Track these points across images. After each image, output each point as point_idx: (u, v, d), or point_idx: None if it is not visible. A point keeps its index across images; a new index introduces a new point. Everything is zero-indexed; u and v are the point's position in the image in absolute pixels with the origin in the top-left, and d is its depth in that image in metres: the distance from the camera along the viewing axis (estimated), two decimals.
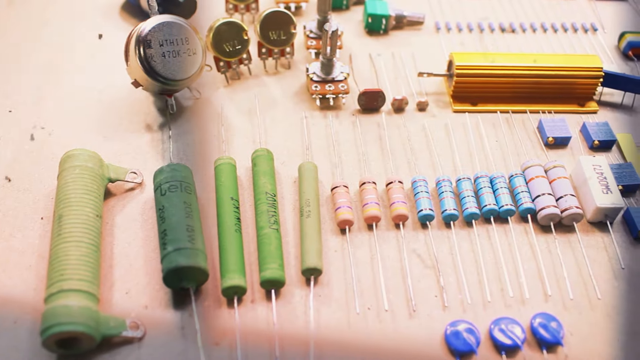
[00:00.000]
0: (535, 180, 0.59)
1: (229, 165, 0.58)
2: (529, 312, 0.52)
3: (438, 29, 0.78)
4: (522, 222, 0.58)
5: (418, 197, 0.58)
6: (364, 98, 0.66)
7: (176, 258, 0.50)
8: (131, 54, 0.60)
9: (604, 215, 0.58)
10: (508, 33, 0.78)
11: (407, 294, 0.53)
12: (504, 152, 0.64)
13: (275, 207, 0.55)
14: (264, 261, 0.52)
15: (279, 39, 0.68)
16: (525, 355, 0.50)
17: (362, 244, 0.56)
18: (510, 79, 0.67)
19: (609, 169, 0.60)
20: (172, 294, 0.52)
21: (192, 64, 0.62)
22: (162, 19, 0.61)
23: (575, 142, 0.66)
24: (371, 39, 0.76)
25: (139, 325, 0.50)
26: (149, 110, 0.66)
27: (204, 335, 0.49)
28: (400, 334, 0.51)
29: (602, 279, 0.55)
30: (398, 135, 0.65)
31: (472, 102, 0.68)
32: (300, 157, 0.62)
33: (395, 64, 0.73)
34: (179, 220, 0.52)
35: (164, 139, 0.63)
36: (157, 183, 0.55)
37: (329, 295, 0.52)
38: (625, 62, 0.75)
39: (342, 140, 0.64)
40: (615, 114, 0.69)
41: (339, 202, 0.56)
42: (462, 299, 0.53)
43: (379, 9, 0.75)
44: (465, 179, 0.59)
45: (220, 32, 0.66)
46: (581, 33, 0.79)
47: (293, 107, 0.67)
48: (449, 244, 0.56)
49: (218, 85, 0.69)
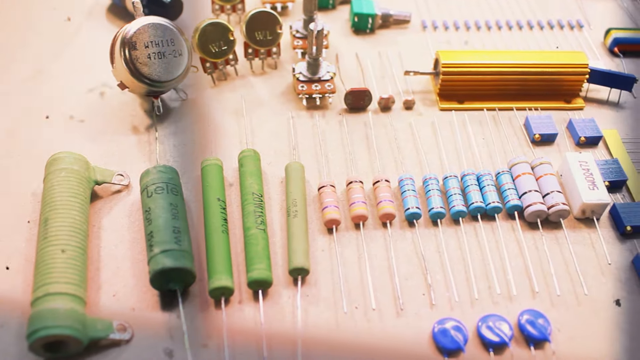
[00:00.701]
0: (521, 177, 0.59)
1: (215, 166, 0.58)
2: (517, 309, 0.52)
3: (424, 28, 0.78)
4: (509, 219, 0.58)
5: (405, 195, 0.58)
6: (351, 97, 0.66)
7: (163, 260, 0.50)
8: (116, 56, 0.60)
9: (590, 211, 0.58)
10: (494, 31, 0.78)
11: (395, 293, 0.53)
12: (490, 150, 0.64)
13: (262, 208, 0.55)
14: (251, 262, 0.52)
15: (265, 39, 0.68)
16: (513, 352, 0.50)
17: (350, 243, 0.56)
18: (497, 77, 0.67)
19: (595, 165, 0.60)
20: (160, 296, 0.52)
21: (178, 65, 0.62)
22: (147, 21, 0.61)
23: (561, 139, 0.66)
24: (358, 38, 0.76)
25: (127, 328, 0.49)
26: (136, 112, 0.65)
27: (192, 336, 0.49)
28: (388, 332, 0.51)
29: (589, 275, 0.55)
30: (385, 134, 0.65)
31: (459, 100, 0.68)
32: (287, 157, 0.62)
33: (382, 62, 0.73)
34: (166, 221, 0.52)
35: (151, 141, 0.63)
36: (144, 185, 0.55)
37: (317, 294, 0.52)
38: (611, 59, 0.75)
39: (329, 139, 0.64)
40: (601, 110, 0.69)
41: (325, 201, 0.56)
42: (450, 296, 0.53)
43: (365, 8, 0.75)
44: (452, 177, 0.59)
45: (206, 33, 0.65)
46: (567, 30, 0.79)
47: (280, 107, 0.67)
48: (436, 242, 0.56)
49: (205, 86, 0.69)
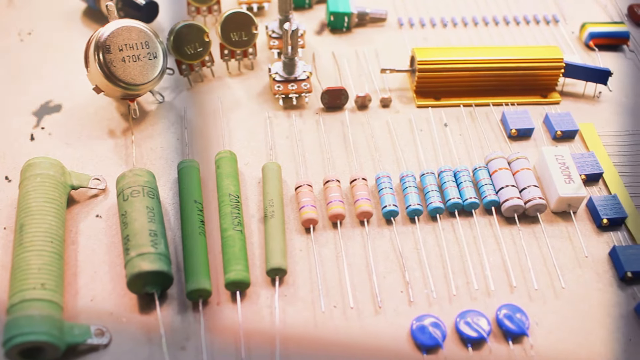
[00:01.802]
0: (498, 172, 0.60)
1: (192, 168, 0.58)
2: (495, 303, 0.53)
3: (401, 25, 0.78)
4: (487, 215, 0.59)
5: (382, 193, 0.58)
6: (327, 96, 0.66)
7: (139, 263, 0.50)
8: (91, 59, 0.60)
9: (567, 204, 0.59)
10: (471, 27, 0.78)
11: (373, 291, 0.53)
12: (467, 146, 0.64)
13: (239, 209, 0.55)
14: (228, 263, 0.52)
15: (240, 40, 0.68)
16: (491, 346, 0.50)
17: (327, 242, 0.56)
18: (473, 73, 0.68)
19: (571, 159, 0.60)
20: (138, 300, 0.52)
21: (153, 67, 0.62)
22: (120, 24, 0.60)
23: (538, 133, 0.66)
24: (334, 37, 0.76)
25: (104, 332, 0.49)
26: (112, 116, 0.65)
27: (170, 339, 0.49)
28: (367, 330, 0.51)
29: (566, 268, 0.55)
30: (362, 132, 0.65)
31: (436, 96, 0.68)
32: (265, 157, 0.62)
33: (359, 61, 0.73)
34: (142, 225, 0.52)
35: (128, 144, 0.63)
36: (120, 188, 0.55)
37: (295, 294, 0.52)
38: (587, 53, 0.76)
39: (306, 139, 0.64)
40: (577, 104, 0.70)
41: (302, 201, 0.56)
42: (428, 293, 0.53)
43: (341, 6, 0.75)
44: (429, 174, 0.59)
45: (180, 34, 0.65)
46: (543, 25, 0.79)
47: (257, 107, 0.67)
48: (413, 239, 0.57)
49: (181, 88, 0.68)
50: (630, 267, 0.54)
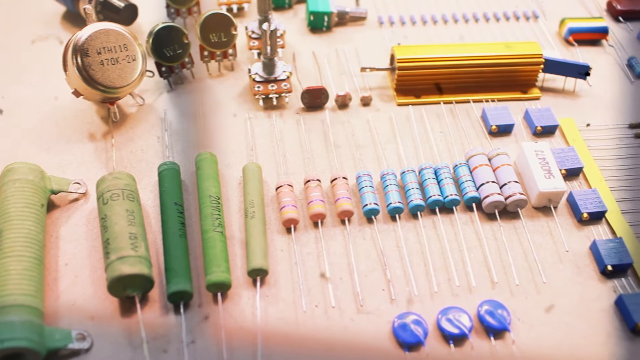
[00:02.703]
0: (479, 168, 0.60)
1: (172, 170, 0.58)
2: (476, 300, 0.53)
3: (381, 24, 0.78)
4: (468, 211, 0.59)
5: (363, 191, 0.58)
6: (307, 96, 0.66)
7: (119, 267, 0.49)
8: (69, 63, 0.60)
9: (547, 199, 0.59)
10: (451, 24, 0.78)
11: (355, 290, 0.53)
12: (448, 143, 0.64)
13: (219, 210, 0.55)
14: (209, 264, 0.52)
15: (220, 41, 0.68)
16: (473, 343, 0.50)
17: (309, 242, 0.56)
18: (452, 70, 0.68)
19: (550, 154, 0.60)
20: (119, 303, 0.51)
21: (132, 70, 0.62)
22: (98, 27, 0.60)
23: (519, 129, 0.66)
24: (314, 37, 0.76)
25: (86, 337, 0.49)
26: (92, 120, 0.65)
27: (152, 342, 0.49)
28: (348, 329, 0.51)
29: (547, 263, 0.56)
30: (343, 131, 0.65)
31: (416, 94, 0.68)
32: (245, 158, 0.62)
33: (339, 60, 0.73)
34: (122, 228, 0.52)
35: (108, 148, 0.62)
36: (99, 192, 0.55)
37: (277, 294, 0.52)
38: (567, 48, 0.76)
39: (286, 139, 0.64)
40: (557, 99, 0.70)
41: (283, 201, 0.56)
42: (410, 291, 0.53)
43: (320, 6, 0.75)
44: (409, 172, 0.59)
45: (159, 37, 0.65)
46: (523, 21, 0.79)
47: (237, 108, 0.67)
48: (395, 237, 0.57)
49: (161, 90, 0.68)
50: (611, 261, 0.55)
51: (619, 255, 0.55)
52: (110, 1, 0.71)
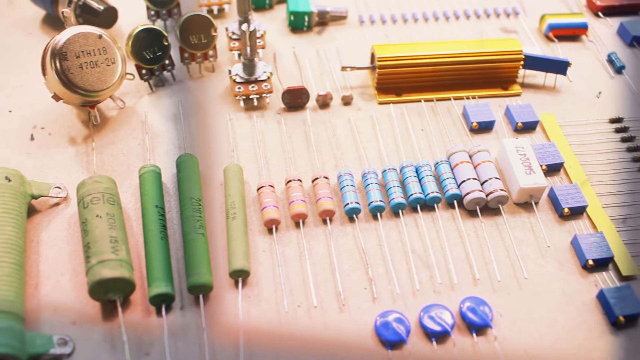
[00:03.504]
0: (460, 165, 0.60)
1: (153, 173, 0.58)
2: (459, 297, 0.53)
3: (362, 23, 0.78)
4: (449, 209, 0.59)
5: (344, 191, 0.58)
6: (288, 96, 0.66)
7: (100, 270, 0.49)
8: (48, 67, 0.60)
9: (528, 195, 0.59)
10: (432, 22, 0.79)
11: (337, 289, 0.53)
12: (429, 141, 0.65)
13: (200, 212, 0.55)
14: (191, 267, 0.52)
15: (200, 42, 0.68)
16: (455, 340, 0.50)
17: (290, 242, 0.56)
18: (433, 68, 0.68)
19: (531, 150, 0.61)
20: (101, 307, 0.51)
21: (112, 73, 0.62)
22: (77, 30, 0.60)
23: (500, 126, 0.66)
24: (295, 37, 0.76)
25: (67, 342, 0.49)
26: (72, 123, 0.65)
27: (134, 345, 0.49)
28: (331, 328, 0.51)
29: (528, 258, 0.56)
30: (324, 130, 0.65)
31: (397, 92, 0.68)
32: (227, 159, 0.62)
33: (320, 60, 0.73)
34: (102, 232, 0.52)
35: (89, 151, 0.62)
36: (80, 196, 0.55)
37: (259, 295, 0.52)
38: (547, 44, 0.76)
39: (268, 139, 0.64)
40: (538, 95, 0.70)
41: (264, 201, 0.56)
42: (392, 289, 0.53)
43: (301, 6, 0.75)
44: (390, 170, 0.59)
45: (139, 39, 0.65)
46: (503, 17, 0.80)
47: (218, 110, 0.67)
48: (377, 235, 0.57)
49: (142, 93, 0.68)
50: (592, 255, 0.55)
51: (600, 249, 0.55)
52: (90, 4, 0.71)
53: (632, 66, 0.74)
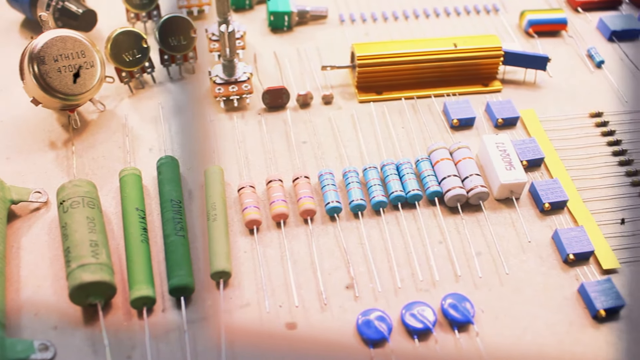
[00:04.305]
0: (440, 162, 0.60)
1: (133, 175, 0.58)
2: (440, 294, 0.53)
3: (342, 22, 0.78)
4: (430, 206, 0.59)
5: (325, 190, 0.58)
6: (268, 96, 0.66)
7: (80, 274, 0.49)
8: (26, 71, 0.59)
9: (509, 191, 0.59)
10: (412, 20, 0.79)
11: (318, 288, 0.53)
12: (410, 138, 0.65)
13: (181, 214, 0.55)
14: (171, 269, 0.52)
15: (179, 44, 0.67)
16: (437, 336, 0.51)
17: (272, 242, 0.56)
18: (413, 65, 0.68)
19: (511, 146, 0.61)
20: (82, 311, 0.51)
21: (91, 76, 0.61)
22: (54, 34, 0.60)
23: (480, 122, 0.67)
24: (275, 37, 0.76)
25: (49, 347, 0.49)
26: (52, 128, 0.64)
27: (116, 349, 0.49)
28: (313, 328, 0.51)
29: (510, 254, 0.56)
30: (305, 130, 0.65)
31: (377, 91, 0.68)
32: (208, 161, 0.62)
33: (301, 59, 0.73)
34: (82, 236, 0.51)
35: (69, 155, 0.62)
36: (60, 200, 0.55)
37: (240, 296, 0.52)
38: (527, 40, 0.76)
39: (248, 140, 0.64)
40: (518, 91, 0.70)
41: (245, 202, 0.56)
42: (374, 287, 0.53)
43: (280, 6, 0.75)
44: (371, 168, 0.59)
45: (118, 42, 0.65)
46: (483, 14, 0.80)
47: (199, 111, 0.67)
48: (358, 234, 0.57)
49: (122, 96, 0.68)
50: (572, 249, 0.55)
51: (581, 243, 0.56)
52: (69, 8, 0.71)
53: (611, 61, 0.74)
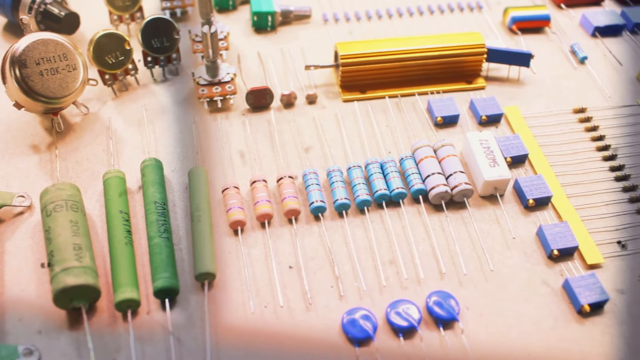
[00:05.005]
0: (424, 160, 0.60)
1: (117, 178, 0.57)
2: (425, 292, 0.53)
3: (326, 21, 0.78)
4: (415, 204, 0.59)
5: (309, 189, 0.58)
6: (252, 97, 0.66)
7: (64, 278, 0.49)
8: (7, 75, 0.59)
9: (493, 188, 0.59)
10: (396, 18, 0.79)
11: (303, 288, 0.53)
12: (394, 137, 0.65)
13: (165, 216, 0.55)
14: (156, 271, 0.51)
15: (162, 46, 0.67)
16: (422, 334, 0.51)
17: (256, 242, 0.56)
18: (397, 64, 0.68)
19: (495, 142, 0.61)
20: (67, 315, 0.51)
21: (73, 79, 0.61)
22: (35, 37, 0.60)
23: (464, 120, 0.67)
24: (259, 37, 0.75)
25: (33, 351, 0.49)
26: (36, 131, 0.64)
27: (100, 352, 0.49)
28: (298, 327, 0.51)
29: (494, 250, 0.56)
30: (289, 130, 0.65)
31: (361, 90, 0.69)
32: (192, 162, 0.62)
33: (284, 59, 0.73)
34: (65, 239, 0.51)
35: (53, 159, 0.62)
36: (43, 204, 0.54)
37: (225, 298, 0.52)
38: (511, 37, 0.77)
39: (232, 141, 0.64)
40: (502, 88, 0.70)
41: (229, 203, 0.56)
42: (359, 286, 0.53)
43: (264, 6, 0.75)
44: (355, 167, 0.60)
45: (100, 44, 0.65)
46: (467, 12, 0.80)
47: (183, 113, 0.66)
48: (342, 233, 0.57)
49: (106, 98, 0.68)
50: (557, 245, 0.55)
51: (565, 239, 0.56)
52: (51, 11, 0.70)
53: (594, 57, 0.74)
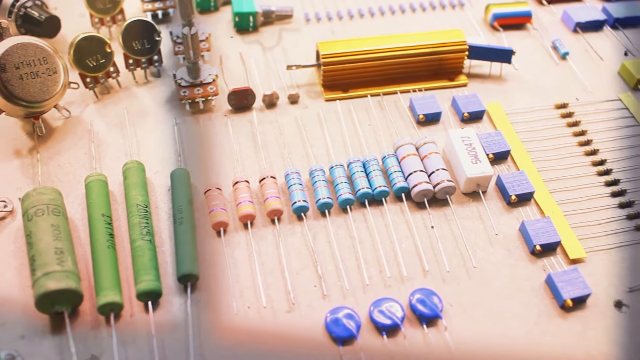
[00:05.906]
0: (407, 158, 0.60)
1: (98, 181, 0.57)
2: (409, 289, 0.53)
3: (308, 20, 0.78)
4: (397, 202, 0.59)
5: (291, 189, 0.58)
6: (234, 97, 0.65)
7: (45, 283, 0.49)
8: None
9: (475, 185, 0.59)
10: (378, 17, 0.79)
11: (286, 288, 0.53)
12: (377, 135, 0.65)
13: (147, 219, 0.55)
14: (138, 274, 0.51)
15: (143, 48, 0.67)
16: (406, 332, 0.51)
17: (239, 243, 0.56)
18: (378, 62, 0.68)
19: (477, 139, 0.61)
20: (50, 320, 0.51)
21: (54, 83, 0.61)
22: (15, 41, 0.59)
23: (447, 117, 0.67)
24: (241, 38, 0.75)
25: (16, 356, 0.48)
26: (17, 135, 0.64)
27: (83, 356, 0.49)
28: (282, 327, 0.51)
29: (477, 247, 0.56)
30: (271, 130, 0.65)
31: (343, 89, 0.69)
32: (174, 164, 0.61)
33: (267, 59, 0.72)
34: (47, 244, 0.51)
35: (34, 163, 0.61)
36: (24, 209, 0.54)
37: (208, 299, 0.52)
38: (493, 34, 0.77)
39: (215, 142, 0.64)
40: (484, 85, 0.70)
41: (212, 204, 0.56)
42: (342, 285, 0.53)
43: (245, 6, 0.75)
44: (338, 166, 0.60)
45: (80, 48, 0.64)
46: (449, 9, 0.80)
47: (165, 115, 0.66)
48: (325, 232, 0.57)
49: (88, 101, 0.67)
50: (539, 240, 0.55)
51: (547, 234, 0.56)
52: (31, 14, 0.70)
53: (576, 52, 0.74)
